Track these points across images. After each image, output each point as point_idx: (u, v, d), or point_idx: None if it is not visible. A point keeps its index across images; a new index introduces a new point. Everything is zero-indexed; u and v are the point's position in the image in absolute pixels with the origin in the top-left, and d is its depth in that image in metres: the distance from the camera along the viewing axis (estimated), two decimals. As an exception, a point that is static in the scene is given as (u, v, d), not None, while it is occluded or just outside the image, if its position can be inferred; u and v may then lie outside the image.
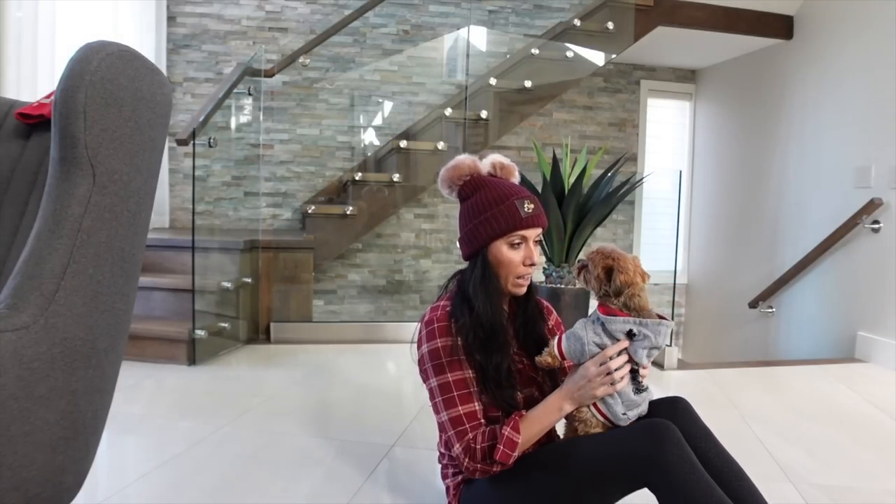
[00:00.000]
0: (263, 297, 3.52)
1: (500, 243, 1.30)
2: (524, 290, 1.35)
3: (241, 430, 2.14)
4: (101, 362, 0.97)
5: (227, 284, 3.25)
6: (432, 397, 1.29)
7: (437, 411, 1.28)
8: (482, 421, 1.25)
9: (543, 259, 3.47)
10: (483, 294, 1.30)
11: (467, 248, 1.35)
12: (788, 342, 4.07)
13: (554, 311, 1.50)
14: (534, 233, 1.31)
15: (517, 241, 1.30)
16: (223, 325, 3.21)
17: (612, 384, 1.18)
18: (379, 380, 2.91)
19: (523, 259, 1.31)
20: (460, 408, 1.24)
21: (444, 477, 1.42)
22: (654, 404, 1.27)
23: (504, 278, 1.32)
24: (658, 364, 3.15)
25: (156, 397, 2.49)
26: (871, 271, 3.43)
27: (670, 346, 3.14)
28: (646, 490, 1.12)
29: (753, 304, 4.25)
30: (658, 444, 1.08)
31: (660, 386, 2.86)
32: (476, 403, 1.25)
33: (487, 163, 1.38)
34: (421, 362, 1.32)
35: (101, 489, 1.67)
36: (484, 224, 1.30)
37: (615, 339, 1.20)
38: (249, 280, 3.42)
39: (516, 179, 1.40)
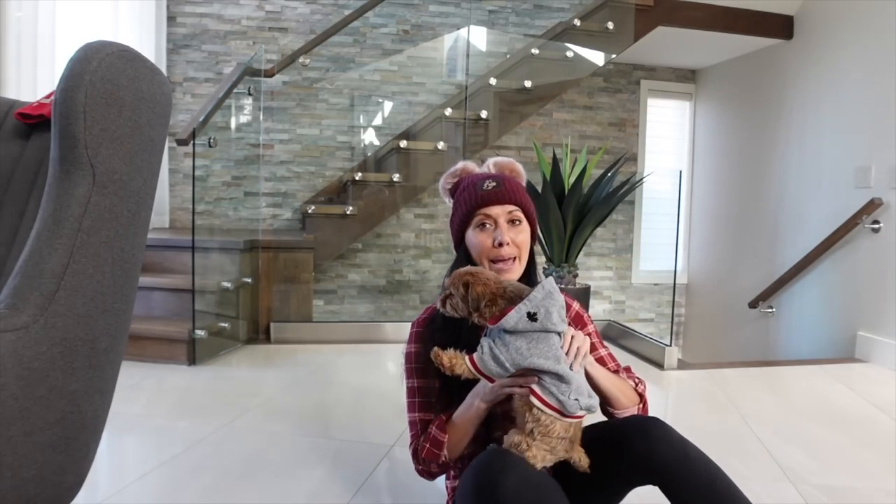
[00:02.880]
0: (263, 297, 3.52)
1: (469, 230, 1.27)
2: (507, 275, 1.23)
3: (241, 430, 2.14)
4: (101, 362, 0.97)
5: (227, 284, 3.25)
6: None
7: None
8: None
9: (543, 259, 3.47)
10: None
11: (453, 237, 1.33)
12: (788, 342, 4.07)
13: (589, 322, 1.35)
14: (499, 210, 1.24)
15: (483, 223, 1.24)
16: (223, 325, 3.21)
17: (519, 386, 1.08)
18: (379, 380, 2.91)
19: (492, 240, 1.23)
20: (416, 414, 1.30)
21: (446, 477, 1.42)
22: (623, 428, 1.14)
23: (479, 261, 1.26)
24: (658, 364, 3.15)
25: (156, 397, 2.49)
26: (871, 271, 3.43)
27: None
28: (647, 491, 1.12)
29: (753, 304, 4.25)
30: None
31: (660, 386, 2.86)
32: (430, 413, 1.27)
33: (488, 164, 1.35)
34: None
35: (101, 489, 1.67)
36: (455, 215, 1.30)
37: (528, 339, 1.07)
38: (249, 280, 3.42)
39: (521, 178, 1.34)
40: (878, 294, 3.36)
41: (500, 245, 1.22)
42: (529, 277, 1.29)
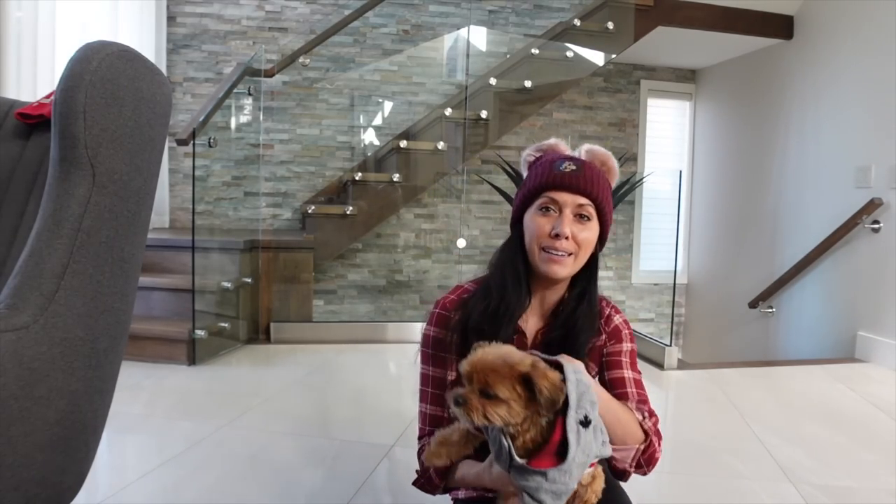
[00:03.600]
0: (263, 297, 3.52)
1: (531, 209, 1.12)
2: (556, 270, 1.08)
3: (241, 430, 2.14)
4: (101, 362, 0.97)
5: (226, 284, 3.25)
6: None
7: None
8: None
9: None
10: (499, 261, 1.14)
11: (512, 213, 1.17)
12: (788, 342, 4.07)
13: (627, 340, 1.19)
14: (569, 198, 1.08)
15: (548, 206, 1.09)
16: (223, 325, 3.21)
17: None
18: (379, 380, 2.91)
19: (551, 228, 1.08)
20: (427, 406, 1.17)
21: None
22: None
23: (530, 250, 1.11)
24: (658, 364, 3.15)
25: (156, 397, 2.49)
26: (871, 271, 3.43)
27: (669, 344, 3.14)
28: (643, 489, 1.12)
29: (753, 304, 4.25)
30: None
31: (660, 386, 2.86)
32: (441, 408, 1.14)
33: (581, 149, 1.18)
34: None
35: (102, 489, 1.67)
36: (525, 184, 1.14)
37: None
38: (249, 280, 3.42)
39: (611, 175, 1.16)
40: (878, 294, 3.36)
41: (558, 236, 1.07)
42: (585, 290, 1.15)
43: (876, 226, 3.40)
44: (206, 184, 4.34)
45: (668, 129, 5.29)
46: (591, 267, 1.15)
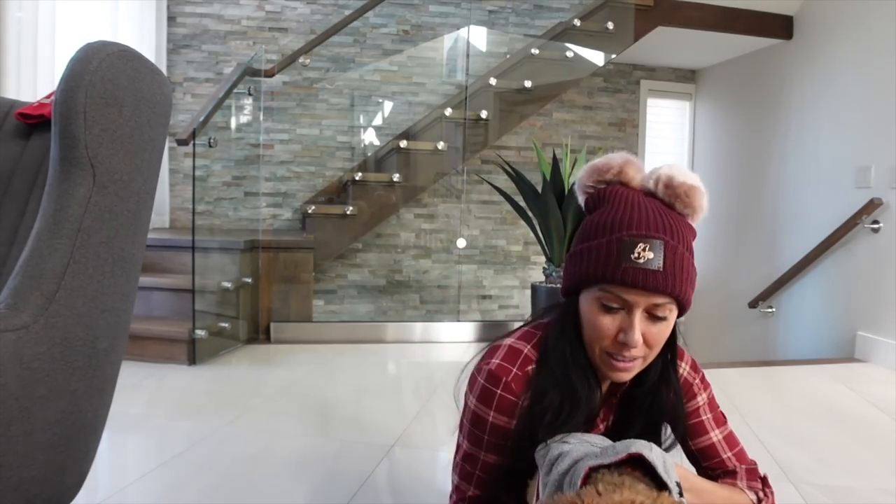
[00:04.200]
0: (263, 297, 3.52)
1: (590, 293, 0.90)
2: (622, 376, 0.92)
3: (241, 430, 2.14)
4: (101, 362, 0.97)
5: (227, 284, 3.25)
6: (457, 453, 1.06)
7: (454, 469, 1.08)
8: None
9: (544, 259, 3.47)
10: (558, 347, 0.95)
11: (564, 280, 0.98)
12: (788, 342, 4.07)
13: (700, 391, 1.06)
14: (643, 299, 0.86)
15: (612, 304, 0.88)
16: (223, 324, 3.21)
17: None
18: (379, 380, 2.91)
19: (616, 332, 0.88)
20: (470, 487, 1.03)
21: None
22: None
23: (590, 347, 0.93)
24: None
25: (156, 397, 2.49)
26: (871, 271, 3.43)
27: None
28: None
29: (753, 304, 4.25)
30: None
31: (660, 386, 2.86)
32: (484, 491, 1.02)
33: (658, 176, 0.92)
34: (464, 412, 1.02)
35: (102, 489, 1.67)
36: (582, 256, 0.91)
37: None
38: (249, 280, 3.42)
39: (696, 213, 0.93)
40: (878, 294, 3.36)
41: (625, 345, 0.88)
42: (662, 377, 0.98)
43: (876, 226, 3.40)
44: (206, 184, 4.34)
45: (668, 129, 5.29)
46: (667, 354, 0.97)
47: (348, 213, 3.70)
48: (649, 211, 0.89)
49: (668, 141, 5.29)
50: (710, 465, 1.04)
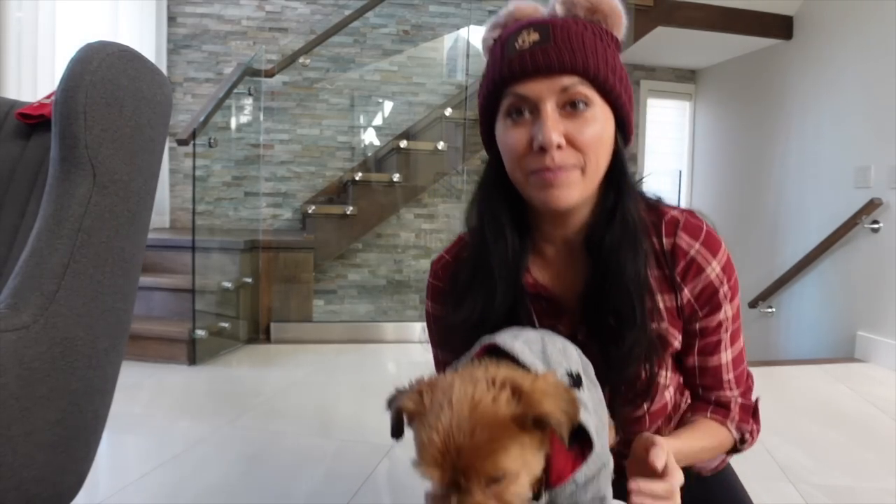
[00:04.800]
0: (263, 297, 3.52)
1: (498, 121, 0.78)
2: (557, 196, 0.74)
3: (241, 430, 2.14)
4: (101, 362, 0.97)
5: (227, 284, 3.25)
6: None
7: None
8: None
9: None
10: (475, 201, 0.83)
11: (481, 132, 0.85)
12: (788, 342, 4.07)
13: (726, 298, 0.84)
14: (543, 86, 0.72)
15: (517, 108, 0.74)
16: (223, 324, 3.21)
17: None
18: (379, 380, 2.91)
19: (529, 140, 0.73)
20: None
21: None
22: None
23: (514, 180, 0.78)
24: (658, 364, 3.14)
25: (156, 397, 2.49)
26: (871, 271, 3.43)
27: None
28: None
29: (753, 304, 4.25)
30: None
31: (660, 386, 2.86)
32: None
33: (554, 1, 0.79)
34: None
35: (102, 489, 1.67)
36: (479, 90, 0.82)
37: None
38: (250, 280, 3.42)
39: (610, 21, 0.77)
40: (878, 294, 3.36)
41: (543, 149, 0.72)
42: (615, 207, 0.79)
43: (875, 226, 3.40)
44: (206, 184, 4.34)
45: (668, 129, 5.29)
46: (614, 172, 0.79)
47: (348, 213, 3.70)
48: (534, 19, 0.77)
49: (668, 141, 5.29)
50: (704, 384, 0.88)
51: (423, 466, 0.58)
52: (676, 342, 0.85)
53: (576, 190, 0.75)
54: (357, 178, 3.81)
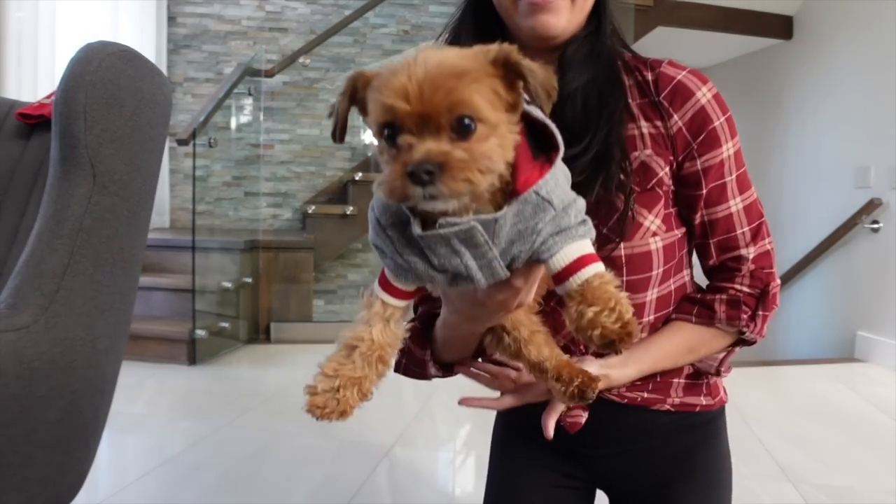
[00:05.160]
0: (264, 297, 3.52)
1: None
2: (546, 21, 0.74)
3: (241, 430, 2.14)
4: (101, 362, 0.97)
5: (227, 284, 3.25)
6: None
7: None
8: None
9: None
10: (451, 30, 0.86)
11: None
12: (788, 342, 4.07)
13: (725, 134, 0.83)
14: None
15: None
16: (223, 324, 3.21)
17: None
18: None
19: None
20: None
21: None
22: None
23: (501, 6, 0.79)
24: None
25: (156, 397, 2.49)
26: (871, 271, 3.43)
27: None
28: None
29: (753, 304, 4.25)
30: None
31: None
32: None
33: None
34: None
35: (102, 489, 1.67)
36: None
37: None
38: (250, 280, 3.42)
39: None
40: (878, 294, 3.36)
41: None
42: (592, 36, 0.80)
43: (875, 226, 3.40)
44: (206, 184, 4.34)
45: (668, 129, 5.29)
46: (599, 6, 0.82)
47: (348, 213, 3.70)
48: None
49: (668, 141, 5.29)
50: (719, 240, 0.82)
51: (385, 99, 0.49)
52: (663, 172, 0.79)
53: (564, 16, 0.75)
54: (357, 178, 3.81)
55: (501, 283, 0.60)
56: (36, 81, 3.22)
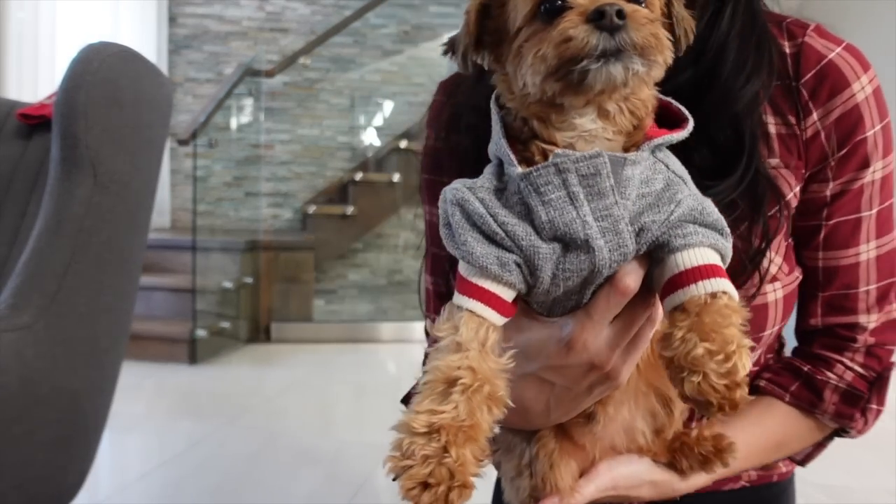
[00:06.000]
0: (264, 297, 3.53)
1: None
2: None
3: (241, 429, 2.14)
4: (102, 362, 0.98)
5: (227, 284, 3.25)
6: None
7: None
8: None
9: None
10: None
11: None
12: (788, 342, 4.07)
13: (878, 151, 0.59)
14: None
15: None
16: (224, 324, 3.21)
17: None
18: (379, 379, 2.91)
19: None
20: (430, 278, 0.75)
21: None
22: None
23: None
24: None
25: (157, 397, 2.50)
26: (871, 271, 3.43)
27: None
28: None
29: (753, 305, 4.25)
30: None
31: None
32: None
33: None
34: None
35: (103, 488, 1.67)
36: None
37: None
38: (250, 280, 3.42)
39: None
40: (878, 294, 3.36)
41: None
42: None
43: (876, 226, 3.41)
44: (207, 184, 4.34)
45: (669, 129, 5.30)
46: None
47: (349, 213, 3.70)
48: None
49: (668, 141, 5.30)
50: (831, 296, 0.61)
51: None
52: (791, 194, 0.57)
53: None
54: (357, 179, 3.82)
55: (609, 294, 0.43)
56: (36, 82, 3.23)
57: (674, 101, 0.46)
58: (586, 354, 0.45)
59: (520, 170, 0.42)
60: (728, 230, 0.43)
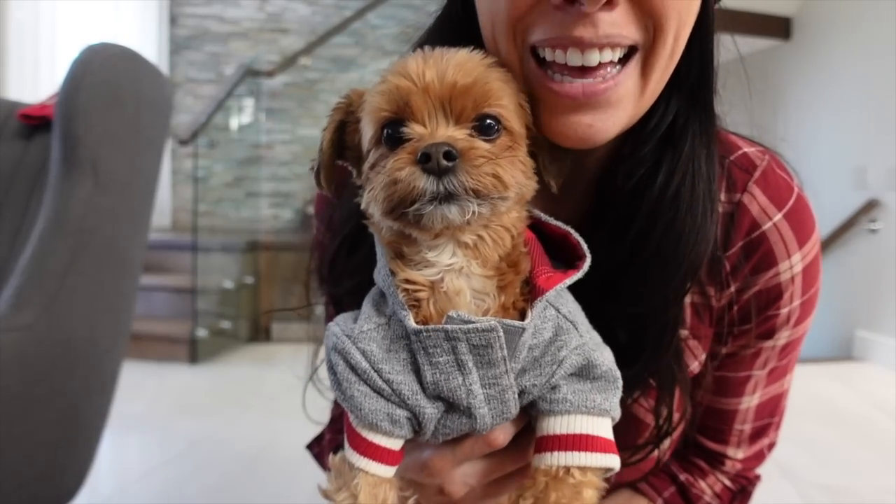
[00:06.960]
0: (264, 297, 3.53)
1: None
2: (590, 125, 0.44)
3: (241, 429, 2.15)
4: (102, 362, 0.98)
5: (228, 284, 3.26)
6: None
7: None
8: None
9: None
10: None
11: None
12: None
13: (794, 257, 0.55)
14: None
15: None
16: (224, 324, 3.22)
17: None
18: (379, 380, 2.92)
19: None
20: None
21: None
22: None
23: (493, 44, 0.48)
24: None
25: (157, 397, 2.50)
26: (869, 271, 3.43)
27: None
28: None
29: (753, 305, 4.25)
30: None
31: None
32: None
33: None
34: None
35: (103, 488, 1.67)
36: None
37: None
38: (250, 280, 3.43)
39: None
40: (876, 294, 3.36)
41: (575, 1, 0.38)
42: (668, 140, 0.50)
43: (874, 226, 3.41)
44: (207, 184, 4.34)
45: (668, 129, 5.29)
46: (692, 59, 0.50)
47: (349, 213, 3.71)
48: None
49: (668, 141, 5.29)
50: (706, 425, 0.63)
51: (393, 80, 0.42)
52: (696, 363, 0.56)
53: (627, 109, 0.44)
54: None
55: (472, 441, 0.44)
56: (37, 83, 3.23)
57: (573, 232, 0.44)
58: (439, 479, 0.48)
59: (413, 325, 0.41)
60: (620, 381, 0.43)
